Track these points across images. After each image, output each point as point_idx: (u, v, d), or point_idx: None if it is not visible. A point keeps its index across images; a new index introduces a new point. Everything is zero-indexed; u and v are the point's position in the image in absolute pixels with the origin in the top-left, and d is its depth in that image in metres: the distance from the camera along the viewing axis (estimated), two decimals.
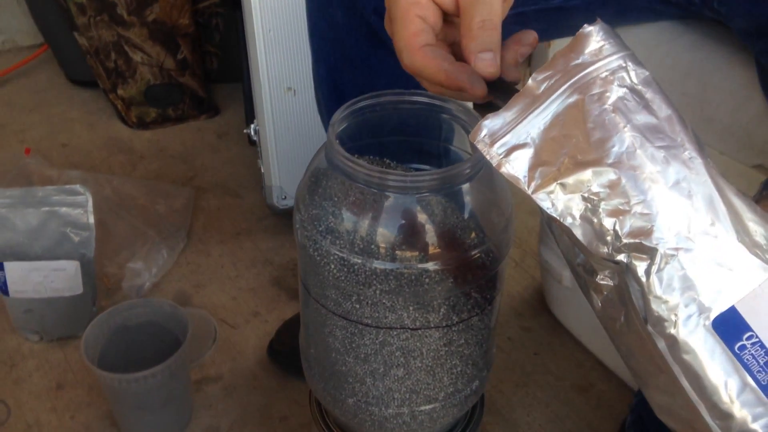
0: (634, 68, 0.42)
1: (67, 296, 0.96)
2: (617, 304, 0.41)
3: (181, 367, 0.83)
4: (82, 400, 0.92)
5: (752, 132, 0.66)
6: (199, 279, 1.11)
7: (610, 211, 0.40)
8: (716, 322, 0.38)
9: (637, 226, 0.39)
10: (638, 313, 0.39)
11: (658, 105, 0.41)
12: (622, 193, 0.40)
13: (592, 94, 0.41)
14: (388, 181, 0.53)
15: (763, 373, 0.38)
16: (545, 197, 0.40)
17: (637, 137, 0.40)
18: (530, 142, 0.41)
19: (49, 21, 1.53)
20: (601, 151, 0.40)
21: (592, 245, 0.40)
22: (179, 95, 1.50)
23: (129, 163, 1.39)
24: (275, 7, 1.04)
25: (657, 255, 0.39)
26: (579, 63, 0.42)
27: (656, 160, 0.40)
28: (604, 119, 0.40)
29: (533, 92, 0.42)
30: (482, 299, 0.59)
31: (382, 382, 0.60)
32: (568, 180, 0.40)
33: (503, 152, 0.41)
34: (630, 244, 0.39)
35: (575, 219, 0.40)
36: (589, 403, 0.92)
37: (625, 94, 0.41)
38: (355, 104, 0.59)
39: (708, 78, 0.70)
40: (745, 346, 0.38)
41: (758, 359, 0.39)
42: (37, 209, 0.94)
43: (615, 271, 0.41)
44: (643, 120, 0.41)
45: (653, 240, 0.39)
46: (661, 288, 0.39)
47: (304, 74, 1.08)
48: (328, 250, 0.56)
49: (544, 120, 0.41)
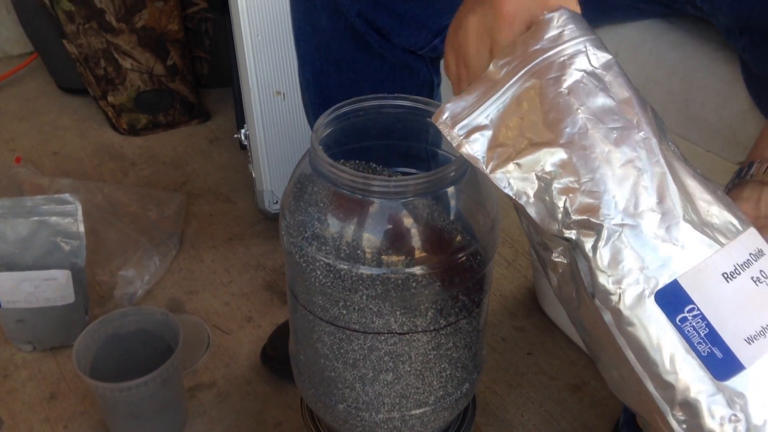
0: (594, 52, 0.43)
1: (58, 305, 0.96)
2: (570, 281, 0.43)
3: (174, 374, 0.83)
4: (76, 410, 0.92)
5: (737, 129, 0.66)
6: (191, 285, 1.11)
7: (561, 189, 0.41)
8: (659, 295, 0.40)
9: (586, 203, 0.41)
10: (586, 288, 0.41)
11: (617, 88, 0.43)
12: (573, 171, 0.41)
13: (548, 78, 0.43)
14: (372, 186, 0.53)
15: (703, 345, 0.39)
16: (502, 177, 0.42)
17: (590, 119, 0.42)
18: (489, 124, 0.43)
19: (38, 29, 1.53)
20: (555, 131, 0.42)
21: (544, 222, 0.42)
22: (170, 101, 1.50)
23: (120, 170, 1.39)
24: (263, 12, 1.04)
25: (603, 231, 0.40)
26: (538, 48, 0.43)
27: (608, 141, 0.41)
28: (559, 102, 0.42)
29: (493, 77, 0.44)
30: (470, 302, 0.59)
31: (371, 388, 0.60)
32: (523, 160, 0.42)
33: (463, 133, 0.43)
34: (578, 221, 0.41)
35: (530, 197, 0.42)
36: (582, 402, 0.92)
37: (582, 78, 0.42)
38: (339, 109, 0.60)
39: (692, 76, 0.70)
40: (686, 318, 0.39)
41: (699, 331, 0.39)
42: (26, 219, 0.93)
43: (566, 248, 0.42)
44: (599, 102, 0.42)
45: (600, 216, 0.40)
46: (606, 262, 0.40)
47: (293, 78, 1.07)
48: (314, 256, 0.56)
49: (503, 103, 0.43)
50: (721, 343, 0.39)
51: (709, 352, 0.39)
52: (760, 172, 0.47)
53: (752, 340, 0.39)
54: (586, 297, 0.41)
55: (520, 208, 0.42)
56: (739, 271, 0.40)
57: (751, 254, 0.41)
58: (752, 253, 0.41)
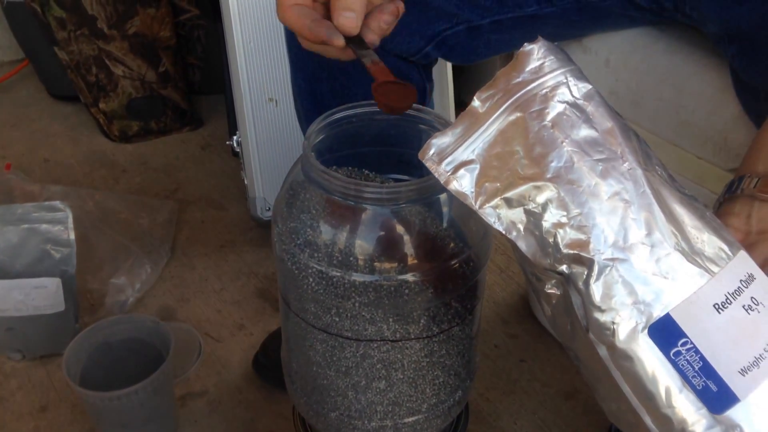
0: (575, 83, 0.43)
1: (49, 314, 0.95)
2: (563, 313, 0.43)
3: (165, 383, 0.82)
4: (66, 419, 0.91)
5: (728, 135, 0.66)
6: (183, 293, 1.11)
7: (551, 224, 0.41)
8: (652, 329, 0.39)
9: (575, 238, 0.40)
10: (580, 322, 0.41)
11: (599, 118, 0.43)
12: (562, 206, 0.41)
13: (532, 111, 0.42)
14: (365, 193, 0.53)
15: (698, 378, 0.39)
16: (491, 212, 0.42)
17: (575, 152, 0.42)
18: (475, 159, 0.43)
19: (29, 36, 1.52)
20: (541, 166, 0.42)
21: (536, 257, 0.41)
22: (161, 108, 1.49)
23: (111, 177, 1.39)
24: (255, 19, 1.04)
25: (594, 265, 0.40)
26: (520, 81, 0.43)
27: (594, 173, 0.41)
28: (543, 135, 0.42)
29: (477, 111, 0.43)
30: (463, 309, 0.59)
31: (364, 395, 0.60)
32: (511, 195, 0.42)
33: (450, 169, 0.43)
34: (569, 255, 0.40)
35: (519, 232, 0.42)
36: (575, 409, 0.92)
37: (565, 110, 0.42)
38: (331, 116, 0.59)
39: (683, 83, 0.70)
40: (680, 352, 0.39)
41: (693, 365, 0.39)
42: (16, 227, 0.93)
43: (559, 281, 0.42)
44: (582, 134, 0.42)
45: (590, 251, 0.40)
46: (599, 297, 0.40)
47: (285, 84, 1.08)
48: (307, 263, 0.55)
49: (488, 137, 0.43)
50: (715, 376, 0.39)
51: (704, 385, 0.39)
52: (750, 186, 0.47)
53: (746, 372, 0.39)
54: (580, 330, 0.41)
55: (510, 242, 0.42)
56: (730, 301, 0.40)
57: (742, 281, 0.41)
58: (743, 280, 0.41)
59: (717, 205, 0.49)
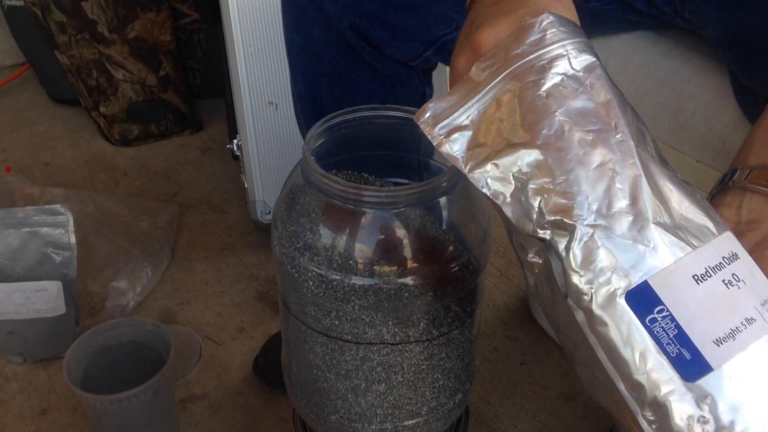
0: (576, 56, 0.44)
1: (49, 317, 0.95)
2: (545, 281, 0.43)
3: (165, 386, 0.82)
4: (66, 422, 0.91)
5: (727, 139, 0.66)
6: (183, 296, 1.11)
7: (536, 189, 0.42)
8: (629, 295, 0.40)
9: (559, 204, 0.41)
10: (559, 288, 0.41)
11: (597, 90, 0.43)
12: (548, 172, 0.42)
13: (528, 81, 0.43)
14: (364, 196, 0.53)
15: (672, 345, 0.40)
16: (480, 176, 0.43)
17: (567, 121, 0.42)
18: (469, 125, 0.44)
19: (30, 40, 1.53)
20: (532, 133, 0.42)
21: (520, 223, 0.42)
22: (162, 111, 1.50)
23: (112, 180, 1.39)
24: (255, 23, 1.04)
25: (576, 231, 0.41)
26: (519, 52, 0.44)
27: (584, 143, 0.42)
28: (537, 104, 0.43)
29: (475, 79, 0.44)
30: (462, 312, 0.59)
31: (364, 398, 0.60)
32: (500, 160, 0.42)
33: (443, 133, 0.44)
34: (552, 221, 0.41)
35: (506, 197, 0.43)
36: (575, 412, 0.92)
37: (562, 81, 0.43)
38: (331, 120, 0.60)
39: (682, 86, 0.70)
40: (655, 319, 0.40)
41: (668, 332, 0.40)
42: (17, 230, 0.93)
43: (541, 248, 0.43)
44: (577, 105, 0.43)
45: (573, 217, 0.41)
46: (578, 262, 0.40)
47: (285, 88, 1.08)
48: (306, 266, 0.56)
49: (483, 104, 0.44)
50: (689, 345, 0.39)
51: (678, 353, 0.39)
52: (742, 178, 0.47)
53: (721, 343, 0.40)
54: (559, 297, 0.42)
55: (497, 207, 0.43)
56: (710, 274, 0.40)
57: (725, 257, 0.41)
58: (725, 257, 0.41)
59: (709, 198, 0.50)
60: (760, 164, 0.47)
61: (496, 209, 0.44)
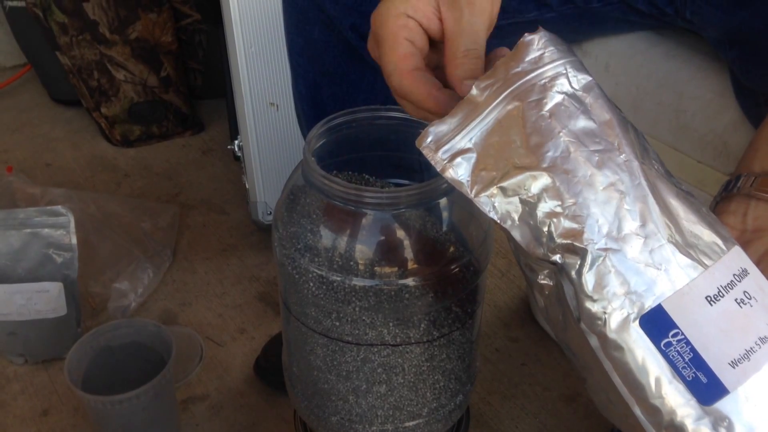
0: (575, 75, 0.43)
1: (51, 318, 0.95)
2: (556, 303, 0.43)
3: (166, 387, 0.82)
4: (68, 423, 0.92)
5: (728, 139, 0.66)
6: (184, 297, 1.11)
7: (545, 213, 0.41)
8: (643, 320, 0.40)
9: (569, 228, 0.41)
10: (572, 312, 0.41)
11: (597, 110, 0.43)
12: (557, 195, 0.41)
13: (530, 101, 0.42)
14: (365, 197, 0.53)
15: (688, 369, 0.39)
16: (487, 201, 0.42)
17: (572, 142, 0.42)
18: (472, 148, 0.43)
19: (31, 41, 1.53)
20: (537, 155, 0.42)
21: (530, 246, 0.42)
22: (163, 112, 1.50)
23: (113, 181, 1.39)
24: (256, 24, 1.04)
25: (587, 255, 0.40)
26: (519, 71, 0.43)
27: (590, 164, 0.41)
28: (541, 125, 0.42)
29: (475, 100, 0.43)
30: (463, 313, 0.59)
31: (365, 400, 0.60)
32: (506, 183, 0.42)
33: (447, 157, 0.43)
34: (562, 245, 0.41)
35: (514, 221, 0.42)
36: (576, 413, 0.92)
37: (564, 100, 0.42)
38: (332, 121, 0.60)
39: (683, 87, 0.70)
40: (670, 343, 0.39)
41: (683, 356, 0.39)
42: (18, 231, 0.93)
43: (552, 271, 0.42)
44: (580, 125, 0.42)
45: (584, 241, 0.40)
46: (591, 287, 0.40)
47: (287, 89, 1.08)
48: (307, 267, 0.56)
49: (486, 126, 0.43)
50: (705, 368, 0.39)
51: (694, 376, 0.39)
52: (747, 185, 0.47)
53: (736, 364, 0.39)
54: (572, 320, 0.41)
55: (505, 231, 0.42)
56: (722, 293, 0.40)
57: (735, 275, 0.41)
58: (736, 274, 0.41)
59: (713, 204, 0.50)
60: (764, 171, 0.47)
61: (504, 233, 0.43)
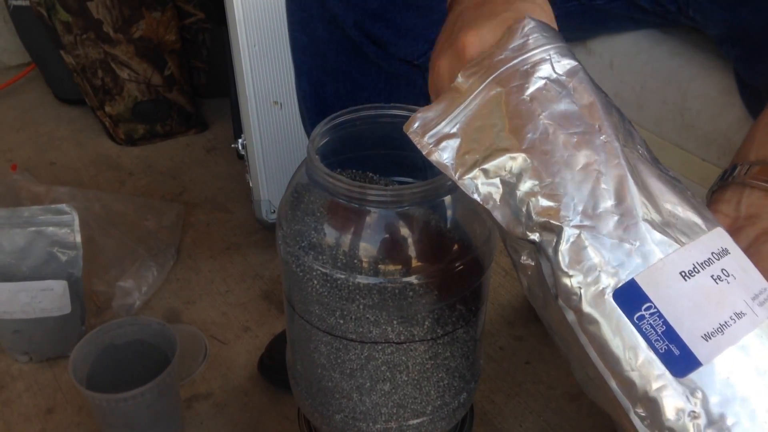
0: (558, 60, 0.45)
1: (55, 316, 0.95)
2: (537, 283, 0.44)
3: (170, 385, 0.82)
4: (72, 421, 0.92)
5: (732, 137, 0.66)
6: (189, 295, 1.11)
7: (524, 192, 0.43)
8: (617, 294, 0.40)
9: (546, 206, 0.42)
10: (550, 289, 0.42)
11: (580, 93, 0.44)
12: (535, 175, 0.43)
13: (512, 86, 0.44)
14: (369, 195, 0.53)
15: (660, 342, 0.40)
16: (470, 183, 0.44)
17: (551, 124, 0.43)
18: (457, 132, 0.44)
19: (35, 40, 1.53)
20: (518, 137, 0.43)
21: (509, 226, 0.43)
22: (167, 111, 1.50)
23: (117, 180, 1.39)
24: (260, 22, 1.04)
25: (563, 232, 0.41)
26: (502, 58, 0.45)
27: (568, 145, 0.43)
28: (521, 108, 0.44)
29: (461, 87, 0.45)
30: (467, 311, 0.59)
31: (368, 397, 0.60)
32: (488, 165, 0.43)
33: (433, 141, 0.45)
34: (540, 223, 0.42)
35: (495, 202, 0.43)
36: (580, 411, 0.92)
37: (545, 85, 0.44)
38: (335, 119, 0.60)
39: (687, 85, 0.70)
40: (643, 316, 0.40)
41: (656, 329, 0.40)
42: (23, 229, 0.93)
43: (531, 250, 0.43)
44: (561, 108, 0.44)
45: (560, 219, 0.42)
46: (566, 263, 0.41)
47: (290, 88, 1.08)
48: (311, 265, 0.56)
49: (470, 111, 0.45)
50: (678, 340, 0.40)
51: (667, 349, 0.40)
52: (741, 174, 0.48)
53: (709, 337, 0.40)
54: (550, 298, 0.42)
55: (487, 212, 0.44)
56: (698, 270, 0.41)
57: (714, 253, 0.41)
58: (715, 252, 0.41)
59: (709, 194, 0.50)
60: (759, 160, 0.47)
61: (486, 214, 0.44)
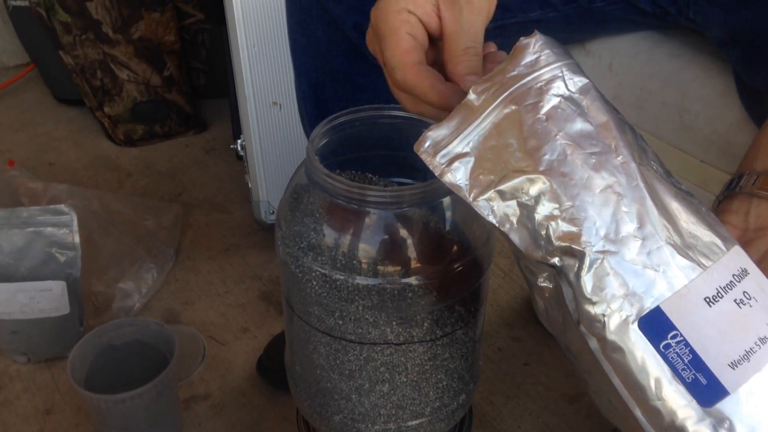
0: (571, 77, 0.43)
1: (53, 317, 0.95)
2: (555, 306, 0.43)
3: (169, 386, 0.82)
4: (70, 422, 0.92)
5: (731, 139, 0.66)
6: (187, 296, 1.11)
7: (543, 216, 0.41)
8: (642, 322, 0.39)
9: (567, 230, 0.41)
10: (571, 315, 0.41)
11: (594, 112, 0.43)
12: (554, 198, 0.41)
13: (527, 104, 0.42)
14: (368, 196, 0.53)
15: (687, 371, 0.39)
16: (485, 204, 0.42)
17: (569, 145, 0.42)
18: (470, 152, 0.43)
19: (34, 40, 1.53)
20: (534, 158, 0.42)
21: (528, 249, 0.42)
22: (166, 112, 1.50)
23: (116, 180, 1.39)
24: (259, 23, 1.04)
25: (585, 258, 0.40)
26: (515, 74, 0.43)
27: (587, 166, 0.41)
28: (538, 128, 0.42)
29: (472, 104, 0.43)
30: (466, 312, 0.59)
31: (367, 399, 0.60)
32: (504, 187, 0.42)
33: (445, 162, 0.43)
34: (561, 248, 0.41)
35: (512, 225, 0.42)
36: (579, 413, 0.92)
37: (560, 103, 0.42)
38: (335, 120, 0.60)
39: (687, 87, 0.70)
40: (669, 344, 0.39)
41: (683, 357, 0.39)
42: (22, 230, 0.93)
43: (551, 274, 0.42)
44: (577, 127, 0.42)
45: (581, 243, 0.40)
46: (589, 290, 0.40)
47: (289, 89, 1.08)
48: (310, 266, 0.56)
49: (483, 130, 0.43)
50: (705, 369, 0.39)
51: (694, 378, 0.39)
52: (749, 184, 0.47)
53: (736, 365, 0.39)
54: (571, 323, 0.41)
55: (504, 235, 0.42)
56: (721, 294, 0.40)
57: (734, 275, 0.41)
58: (735, 274, 0.41)
59: (716, 203, 0.49)
60: (767, 170, 0.47)
61: (502, 236, 0.43)
